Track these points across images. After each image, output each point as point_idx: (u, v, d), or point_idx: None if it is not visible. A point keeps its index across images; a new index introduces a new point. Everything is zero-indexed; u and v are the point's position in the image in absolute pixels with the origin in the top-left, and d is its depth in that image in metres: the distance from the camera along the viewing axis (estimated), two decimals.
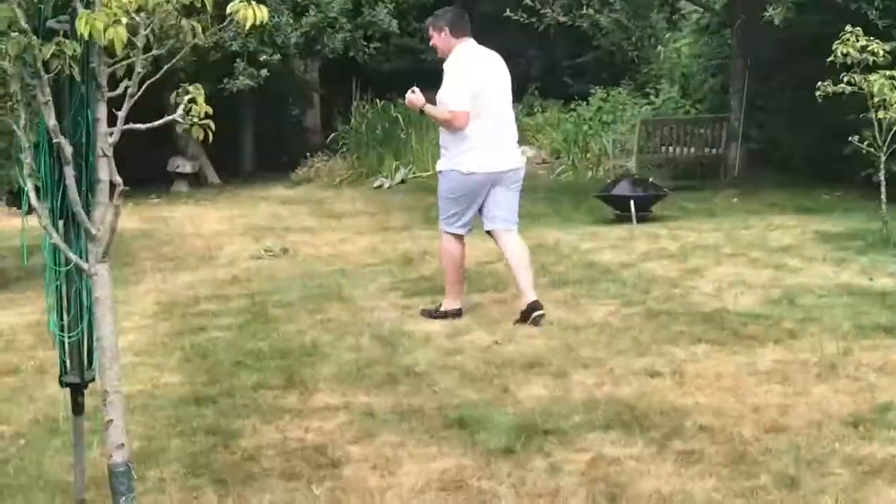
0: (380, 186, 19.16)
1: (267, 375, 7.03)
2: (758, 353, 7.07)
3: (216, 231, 14.72)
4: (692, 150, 17.44)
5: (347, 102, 23.35)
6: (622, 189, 13.91)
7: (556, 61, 27.02)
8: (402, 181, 19.62)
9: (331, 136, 22.22)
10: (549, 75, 27.16)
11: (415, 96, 8.80)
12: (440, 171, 8.76)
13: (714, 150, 17.40)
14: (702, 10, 18.29)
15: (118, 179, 4.41)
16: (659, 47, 22.63)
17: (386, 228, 14.34)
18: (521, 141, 23.11)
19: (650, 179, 14.41)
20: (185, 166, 21.26)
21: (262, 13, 4.42)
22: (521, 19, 16.54)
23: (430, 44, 8.97)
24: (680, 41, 21.95)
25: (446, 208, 8.70)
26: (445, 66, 8.65)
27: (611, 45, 18.40)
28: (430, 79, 24.59)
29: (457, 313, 8.61)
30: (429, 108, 8.72)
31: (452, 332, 8.07)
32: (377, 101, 22.77)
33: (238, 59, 19.71)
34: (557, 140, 22.38)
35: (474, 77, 8.50)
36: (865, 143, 11.28)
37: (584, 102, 22.84)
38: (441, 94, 8.61)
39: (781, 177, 16.81)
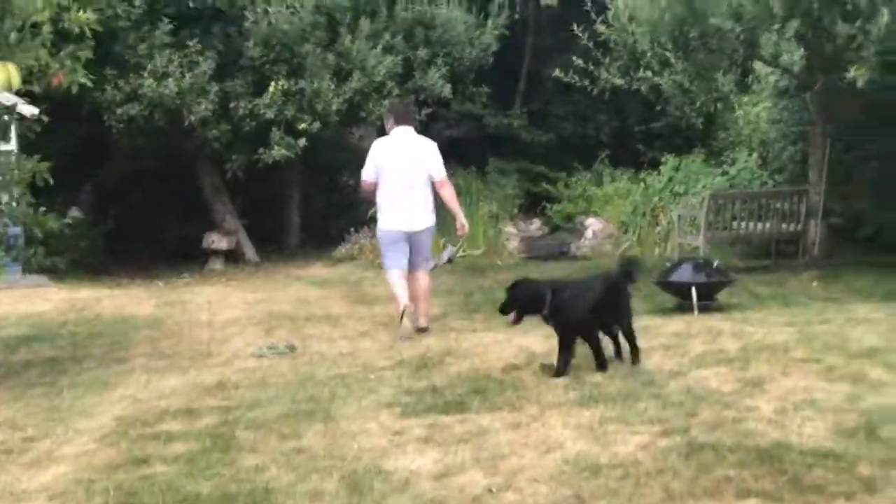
0: None
1: None
2: None
3: (231, 319, 13.30)
4: (767, 226, 15.75)
5: None
6: (682, 274, 12.27)
7: (627, 127, 25.52)
8: (450, 260, 18.09)
9: (373, 210, 20.67)
10: (620, 142, 25.70)
11: None
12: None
13: (791, 227, 15.71)
14: (780, 71, 16.67)
15: None
16: (737, 112, 21.00)
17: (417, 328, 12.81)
18: (588, 213, 22.13)
19: (715, 263, 12.69)
20: (220, 242, 19.93)
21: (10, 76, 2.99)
22: (573, 81, 15.01)
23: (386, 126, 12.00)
24: (759, 105, 20.33)
25: (383, 255, 11.79)
26: None
27: (675, 110, 16.78)
28: (489, 145, 23.28)
29: (405, 308, 11.28)
30: None
31: (441, 472, 6.50)
32: None
33: (274, 128, 18.38)
34: (626, 212, 20.89)
35: (377, 158, 11.53)
36: None
37: (656, 172, 21.29)
38: None
39: (867, 257, 15.09)
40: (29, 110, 13.07)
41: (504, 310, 9.01)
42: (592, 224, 21.91)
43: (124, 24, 18.02)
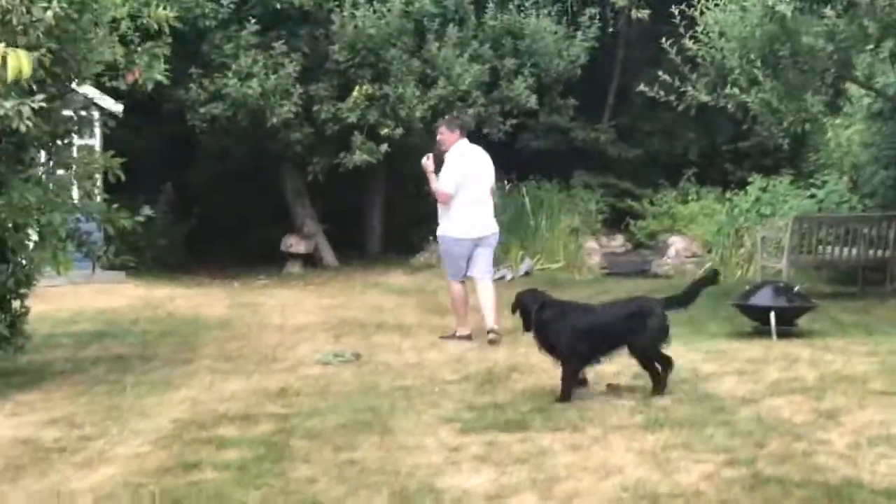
0: (501, 278, 17.35)
1: None
2: None
3: (302, 324, 13.25)
4: (854, 251, 15.31)
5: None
6: (762, 298, 11.88)
7: (715, 145, 25.09)
8: (527, 273, 17.89)
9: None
10: (709, 161, 25.25)
11: (428, 162, 11.92)
12: (438, 236, 12.25)
13: (880, 253, 15.27)
14: (874, 94, 16.22)
15: None
16: (828, 135, 20.49)
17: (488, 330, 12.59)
18: (672, 231, 21.76)
19: (796, 288, 12.33)
20: (298, 246, 19.92)
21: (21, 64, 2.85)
22: (658, 97, 14.72)
23: (438, 137, 12.14)
24: (851, 127, 19.83)
25: (448, 265, 12.23)
26: (447, 155, 11.89)
27: (763, 130, 16.37)
28: (575, 158, 22.90)
29: (467, 337, 11.83)
30: (432, 177, 11.90)
31: (495, 493, 6.28)
32: (514, 181, 21.03)
33: (356, 133, 18.30)
34: (711, 232, 20.51)
35: (457, 172, 11.75)
36: None
37: (743, 191, 20.87)
38: (440, 175, 11.84)
39: None
40: (109, 105, 13.08)
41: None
42: (676, 242, 21.54)
43: (211, 24, 18.03)
